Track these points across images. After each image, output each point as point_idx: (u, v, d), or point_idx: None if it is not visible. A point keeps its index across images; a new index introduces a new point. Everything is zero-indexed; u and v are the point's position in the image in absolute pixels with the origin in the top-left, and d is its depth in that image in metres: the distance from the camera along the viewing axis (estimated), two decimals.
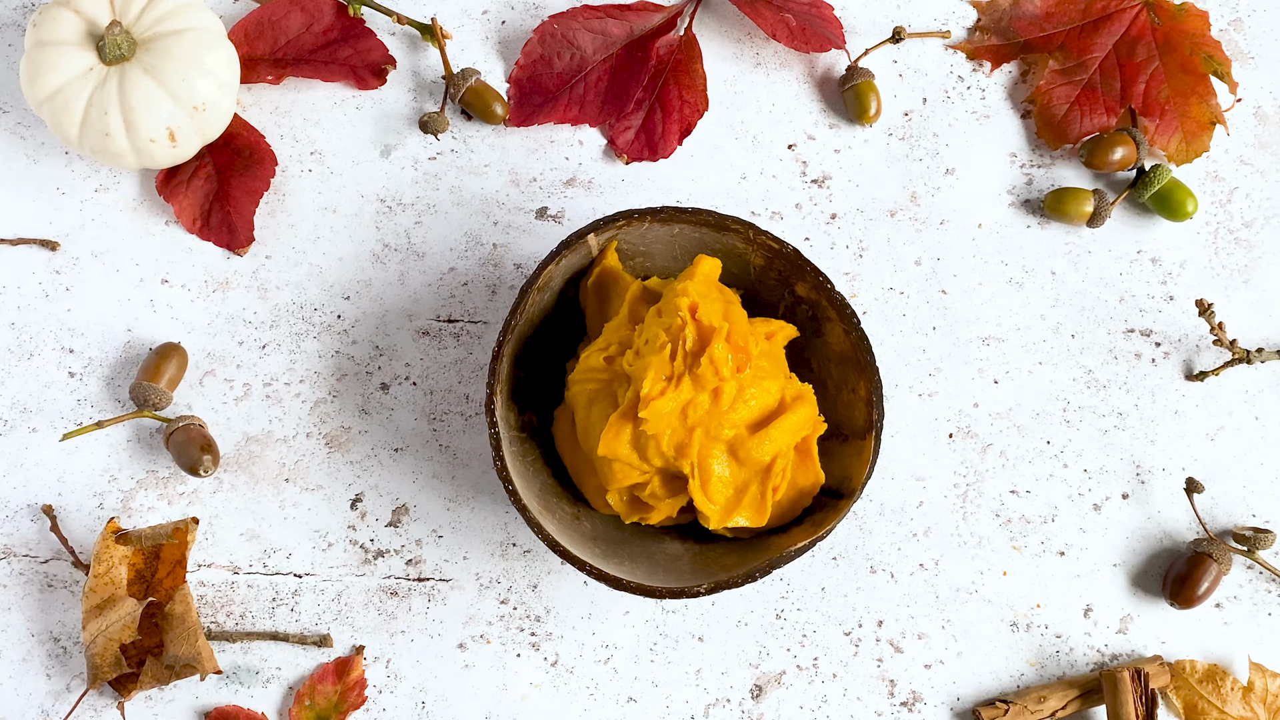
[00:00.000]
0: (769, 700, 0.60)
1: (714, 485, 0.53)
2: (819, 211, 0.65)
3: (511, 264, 0.64)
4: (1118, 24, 0.66)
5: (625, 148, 0.65)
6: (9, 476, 0.60)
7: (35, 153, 0.64)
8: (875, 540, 0.62)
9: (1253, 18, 0.68)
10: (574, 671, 0.60)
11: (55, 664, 0.59)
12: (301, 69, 0.65)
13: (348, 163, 0.65)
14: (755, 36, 0.67)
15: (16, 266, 0.63)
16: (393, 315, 0.63)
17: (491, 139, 0.65)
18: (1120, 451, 0.63)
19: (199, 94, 0.59)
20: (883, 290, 0.64)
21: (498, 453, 0.54)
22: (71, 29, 0.58)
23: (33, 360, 0.62)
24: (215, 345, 0.62)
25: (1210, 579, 0.59)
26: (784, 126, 0.66)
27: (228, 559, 0.60)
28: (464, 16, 0.67)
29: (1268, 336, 0.65)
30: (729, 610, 0.61)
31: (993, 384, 0.63)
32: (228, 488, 0.61)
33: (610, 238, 0.57)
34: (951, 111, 0.67)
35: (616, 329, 0.56)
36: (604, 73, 0.66)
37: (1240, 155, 0.67)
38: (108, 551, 0.58)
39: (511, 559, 0.61)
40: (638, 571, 0.54)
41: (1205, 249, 0.65)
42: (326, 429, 0.62)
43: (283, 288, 0.63)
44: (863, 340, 0.55)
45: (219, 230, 0.63)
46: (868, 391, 0.55)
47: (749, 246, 0.58)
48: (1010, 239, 0.65)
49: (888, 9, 0.68)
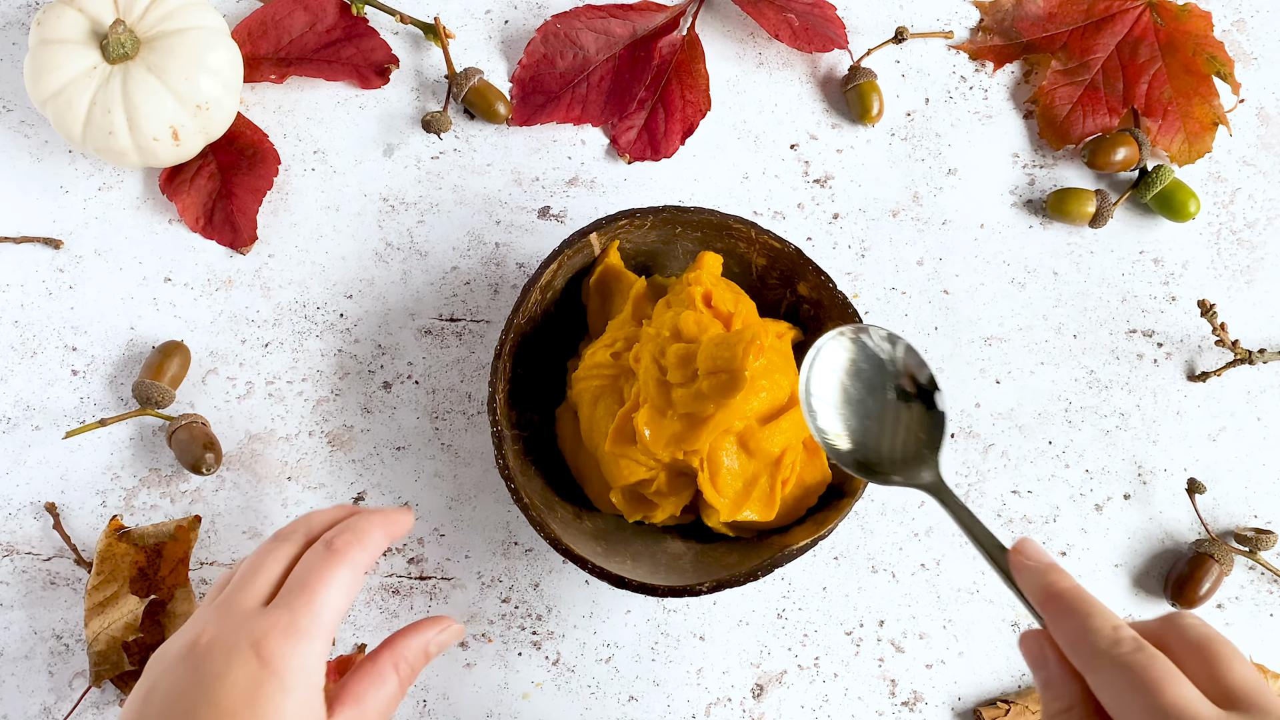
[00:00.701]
0: (770, 699, 0.60)
1: (723, 478, 0.53)
2: (821, 211, 0.65)
3: (514, 263, 0.64)
4: (1120, 24, 0.66)
5: (628, 147, 0.65)
6: (12, 474, 0.61)
7: (39, 151, 0.64)
8: (877, 540, 0.62)
9: (1255, 18, 0.68)
10: (575, 670, 0.60)
11: (58, 662, 0.59)
12: (305, 68, 0.65)
13: (350, 162, 0.65)
14: (758, 36, 0.67)
15: (20, 264, 0.63)
16: (395, 314, 0.63)
17: (494, 138, 0.65)
18: (1122, 452, 0.63)
19: (202, 93, 0.59)
20: (885, 290, 0.64)
21: (500, 451, 0.54)
22: (75, 27, 0.58)
23: (36, 358, 0.62)
24: (218, 343, 0.62)
25: (1212, 580, 0.59)
26: (786, 126, 0.66)
27: (230, 557, 0.60)
28: (467, 16, 0.67)
29: (1270, 337, 0.64)
30: (730, 609, 0.61)
31: (994, 384, 0.63)
32: (230, 486, 0.61)
33: (613, 237, 0.57)
34: (954, 112, 0.67)
35: (621, 326, 0.57)
36: (607, 72, 0.66)
37: (1243, 156, 0.67)
38: (110, 549, 0.58)
39: (513, 558, 0.61)
40: (639, 570, 0.54)
41: (1207, 250, 0.65)
42: (329, 427, 0.62)
43: (285, 286, 0.63)
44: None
45: (222, 229, 0.63)
46: None
47: (751, 246, 0.58)
48: (1012, 239, 0.65)
49: (890, 9, 0.68)
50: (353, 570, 0.44)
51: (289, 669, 0.42)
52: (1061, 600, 0.39)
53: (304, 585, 0.43)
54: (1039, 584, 0.40)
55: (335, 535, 0.45)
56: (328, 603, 0.43)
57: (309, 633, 0.42)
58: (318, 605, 0.43)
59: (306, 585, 0.43)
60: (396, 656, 0.47)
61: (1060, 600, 0.39)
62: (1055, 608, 0.39)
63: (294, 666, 0.42)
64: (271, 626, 0.42)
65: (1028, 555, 0.41)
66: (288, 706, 0.41)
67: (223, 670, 0.41)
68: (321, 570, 0.44)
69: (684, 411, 0.52)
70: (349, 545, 0.45)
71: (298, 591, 0.43)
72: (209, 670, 0.42)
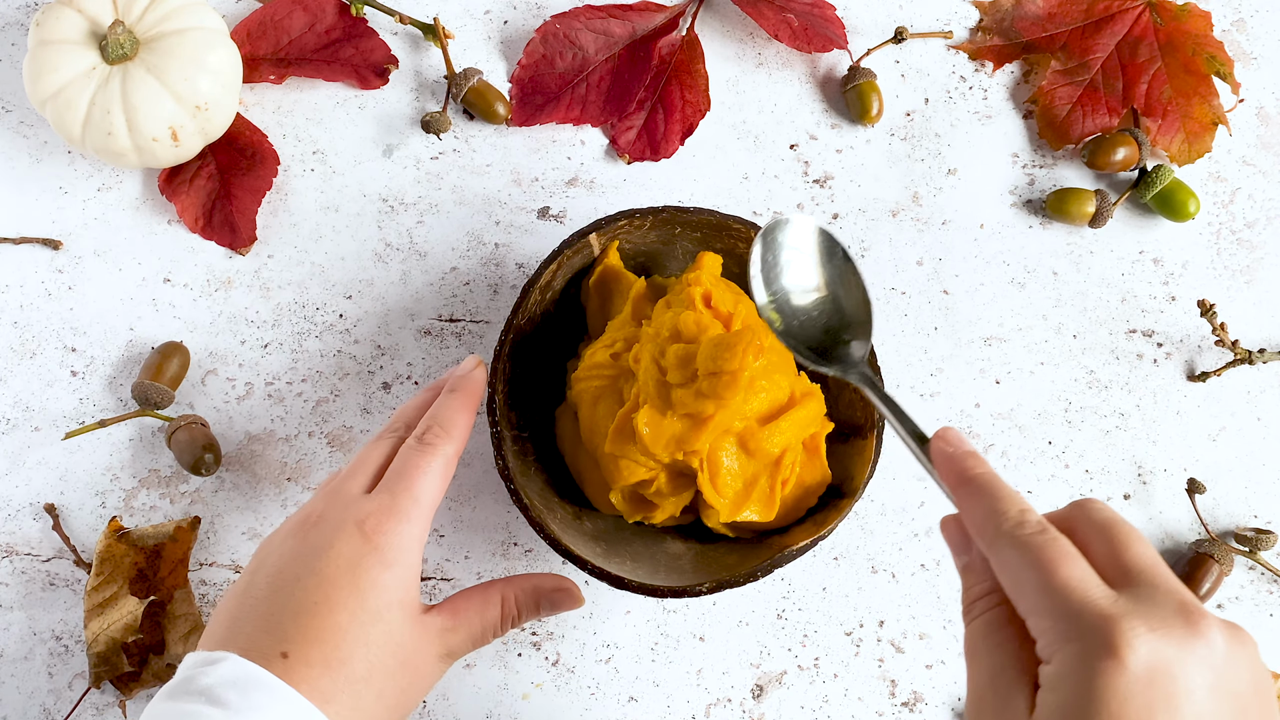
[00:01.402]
0: (770, 700, 0.60)
1: (723, 478, 0.53)
2: (821, 211, 0.65)
3: (513, 263, 0.64)
4: (1120, 24, 0.66)
5: (627, 148, 0.65)
6: (11, 475, 0.61)
7: (38, 152, 0.64)
8: (877, 540, 0.62)
9: (1255, 18, 0.68)
10: (575, 671, 0.60)
11: (57, 662, 0.59)
12: (304, 68, 0.65)
13: (350, 162, 0.65)
14: (757, 36, 0.67)
15: (19, 265, 0.63)
16: (395, 314, 0.63)
17: (493, 139, 0.65)
18: (1122, 452, 0.63)
19: (201, 93, 0.59)
20: (885, 290, 0.64)
21: (499, 452, 0.54)
22: (74, 28, 0.58)
23: (35, 359, 0.62)
24: (217, 344, 0.62)
25: (1212, 580, 0.59)
26: (786, 126, 0.66)
27: (230, 558, 0.60)
28: (466, 16, 0.67)
29: (1270, 337, 0.64)
30: (730, 610, 0.61)
31: (994, 384, 0.63)
32: (229, 487, 0.61)
33: (612, 237, 0.57)
34: (954, 112, 0.67)
35: (620, 326, 0.57)
36: (606, 73, 0.66)
37: (1242, 156, 0.67)
38: (110, 550, 0.58)
39: (513, 558, 0.61)
40: (639, 571, 0.54)
41: (1207, 250, 0.65)
42: (328, 428, 0.62)
43: (285, 287, 0.63)
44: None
45: (221, 229, 0.63)
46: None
47: (749, 246, 0.58)
48: (1012, 239, 0.65)
49: (890, 9, 0.68)
50: (444, 460, 0.49)
51: (389, 545, 0.46)
52: (972, 484, 0.40)
53: (401, 475, 0.48)
54: (954, 469, 0.40)
55: (424, 429, 0.50)
56: (425, 489, 0.48)
57: (408, 515, 0.47)
58: (416, 491, 0.47)
59: (404, 475, 0.48)
60: (509, 590, 0.50)
61: (971, 484, 0.40)
62: (965, 491, 0.40)
63: (394, 544, 0.46)
64: (375, 508, 0.47)
65: (948, 442, 0.41)
66: (385, 579, 0.45)
67: (328, 543, 0.46)
68: (417, 460, 0.48)
69: (684, 412, 0.52)
70: (438, 438, 0.49)
71: (395, 480, 0.48)
72: (315, 543, 0.46)
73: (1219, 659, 0.34)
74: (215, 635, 0.45)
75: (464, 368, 0.53)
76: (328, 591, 0.45)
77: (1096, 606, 0.34)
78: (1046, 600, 0.35)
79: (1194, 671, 0.33)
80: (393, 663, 0.45)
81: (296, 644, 0.43)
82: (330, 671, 0.43)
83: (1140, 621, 0.34)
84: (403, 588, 0.46)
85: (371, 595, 0.45)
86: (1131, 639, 0.33)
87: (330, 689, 0.43)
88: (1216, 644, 0.34)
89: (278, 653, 0.43)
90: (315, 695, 0.43)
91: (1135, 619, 0.34)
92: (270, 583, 0.45)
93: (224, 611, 0.46)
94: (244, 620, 0.45)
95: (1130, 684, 0.33)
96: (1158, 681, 0.33)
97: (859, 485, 0.54)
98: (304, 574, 0.45)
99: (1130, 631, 0.33)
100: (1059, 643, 0.34)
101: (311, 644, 0.44)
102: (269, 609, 0.45)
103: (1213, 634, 0.34)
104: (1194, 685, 0.33)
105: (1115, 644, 0.33)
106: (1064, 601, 0.35)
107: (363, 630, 0.44)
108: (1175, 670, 0.33)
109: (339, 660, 0.44)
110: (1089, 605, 0.34)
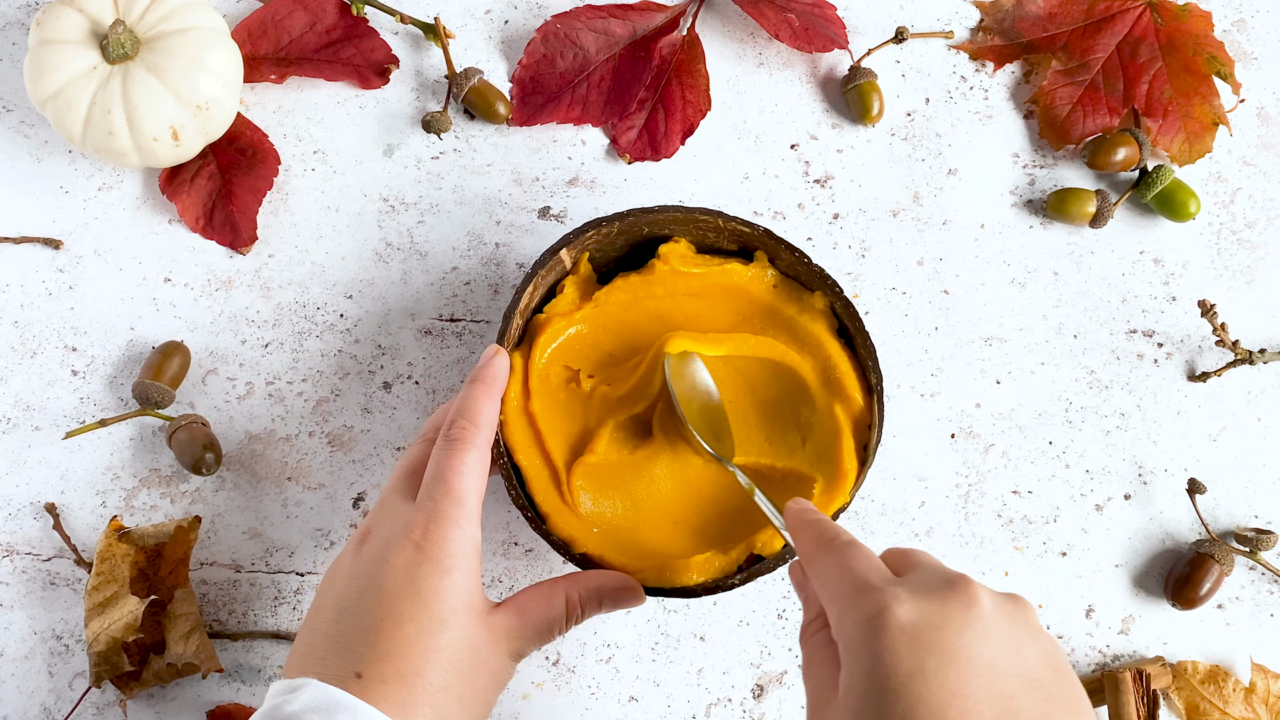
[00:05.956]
0: (770, 700, 0.60)
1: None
2: (821, 211, 0.65)
3: (514, 263, 0.64)
4: (1120, 24, 0.66)
5: (628, 147, 0.65)
6: (12, 474, 0.61)
7: (39, 151, 0.64)
8: (877, 540, 0.61)
9: (1256, 18, 0.68)
10: (575, 670, 0.60)
11: (58, 662, 0.59)
12: (305, 68, 0.65)
13: (350, 162, 0.65)
14: (758, 36, 0.67)
15: (20, 265, 0.63)
16: (395, 314, 0.63)
17: (494, 138, 0.65)
18: (1122, 452, 0.63)
19: (202, 93, 0.59)
20: (885, 290, 0.64)
21: (499, 451, 0.54)
22: (75, 28, 0.58)
23: (36, 358, 0.62)
24: (218, 344, 0.62)
25: (1212, 580, 0.59)
26: (786, 126, 0.66)
27: (230, 557, 0.60)
28: (467, 16, 0.67)
29: (1270, 337, 0.64)
30: (731, 610, 0.61)
31: (995, 384, 0.63)
32: (230, 486, 0.61)
33: (582, 249, 0.57)
34: (954, 112, 0.67)
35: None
36: (607, 72, 0.66)
37: (1243, 156, 0.67)
38: (110, 550, 0.58)
39: (513, 558, 0.61)
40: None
41: (1208, 250, 0.65)
42: (329, 428, 0.62)
43: (285, 287, 0.63)
44: (848, 307, 0.55)
45: (222, 229, 0.63)
46: (862, 357, 0.55)
47: (720, 234, 0.58)
48: (1013, 239, 0.65)
49: (890, 9, 0.68)
50: (476, 453, 0.49)
51: (443, 552, 0.46)
52: (801, 518, 0.45)
53: (438, 479, 0.48)
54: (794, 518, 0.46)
55: (450, 424, 0.50)
56: (464, 488, 0.48)
57: (454, 519, 0.47)
58: (457, 493, 0.47)
59: (441, 478, 0.48)
60: (572, 587, 0.50)
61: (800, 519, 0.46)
62: (795, 523, 0.46)
63: (447, 550, 0.46)
64: (421, 517, 0.47)
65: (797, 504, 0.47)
66: (444, 586, 0.46)
67: (382, 557, 0.46)
68: (449, 460, 0.48)
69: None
70: (464, 431, 0.49)
71: (434, 484, 0.48)
72: (370, 559, 0.47)
73: (985, 614, 0.38)
74: (294, 662, 0.46)
75: (484, 358, 0.53)
76: (391, 606, 0.45)
77: (874, 584, 0.39)
78: (842, 587, 0.40)
79: (958, 624, 0.37)
80: (467, 667, 0.46)
81: (369, 662, 0.44)
82: (406, 685, 0.44)
83: (905, 588, 0.39)
84: (464, 591, 0.46)
85: (434, 604, 0.45)
86: (894, 602, 0.38)
87: (409, 702, 0.44)
88: (982, 602, 0.38)
89: (352, 673, 0.44)
90: (395, 710, 0.43)
91: (902, 587, 0.39)
92: (336, 604, 0.46)
93: (300, 638, 0.47)
94: (317, 645, 0.45)
95: (897, 637, 0.37)
96: (923, 633, 0.37)
97: (855, 485, 0.54)
98: (364, 591, 0.46)
99: (895, 597, 0.38)
100: (846, 619, 0.39)
101: (384, 660, 0.44)
102: (337, 631, 0.45)
103: (976, 593, 0.38)
104: (962, 639, 0.37)
105: (883, 606, 0.38)
106: (850, 583, 0.40)
107: (432, 640, 0.45)
108: (938, 622, 0.37)
109: (413, 673, 0.44)
110: (869, 583, 0.40)
